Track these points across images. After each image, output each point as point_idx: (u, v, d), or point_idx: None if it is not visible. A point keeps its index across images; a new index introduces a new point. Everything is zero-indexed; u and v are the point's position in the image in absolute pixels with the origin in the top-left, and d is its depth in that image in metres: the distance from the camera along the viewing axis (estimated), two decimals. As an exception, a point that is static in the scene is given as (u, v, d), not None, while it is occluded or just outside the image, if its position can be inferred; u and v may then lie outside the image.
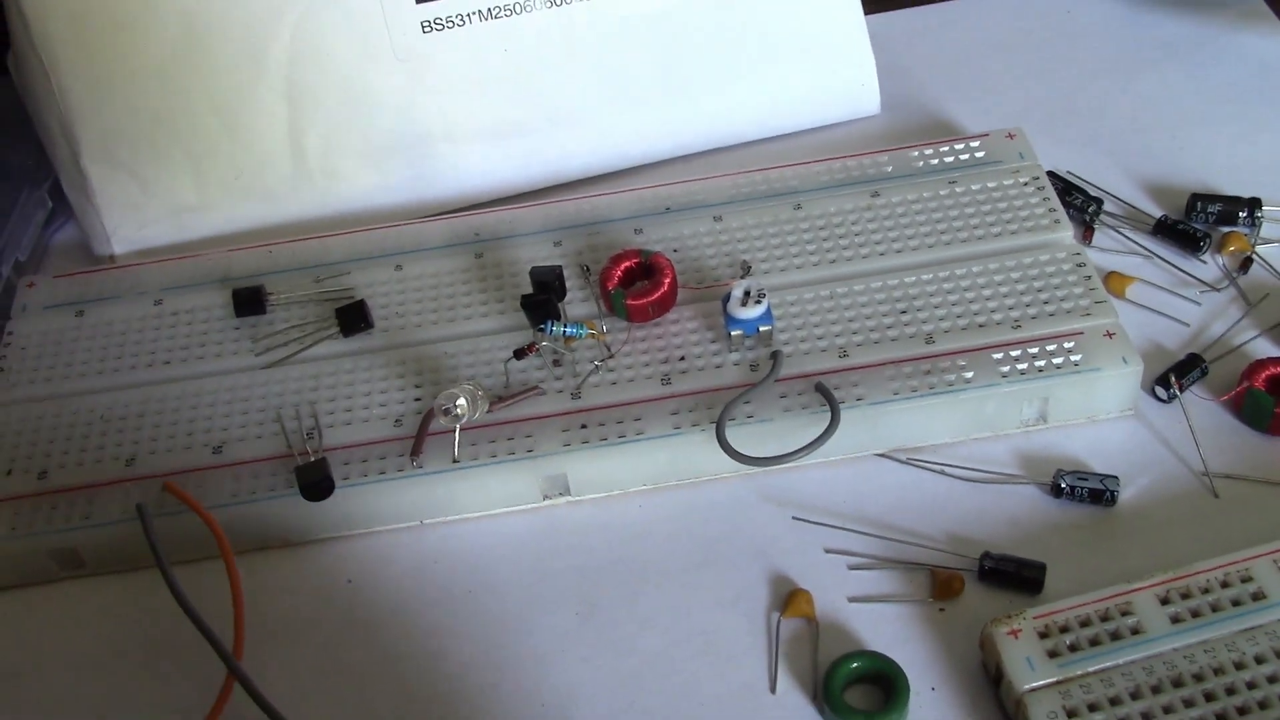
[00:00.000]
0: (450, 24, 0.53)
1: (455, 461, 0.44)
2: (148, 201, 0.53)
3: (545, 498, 0.45)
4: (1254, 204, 0.50)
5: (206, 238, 0.54)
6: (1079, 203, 0.52)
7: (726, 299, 0.45)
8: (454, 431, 0.43)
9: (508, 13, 0.53)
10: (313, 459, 0.44)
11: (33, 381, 0.48)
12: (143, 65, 0.51)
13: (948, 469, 0.44)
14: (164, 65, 0.52)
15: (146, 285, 0.51)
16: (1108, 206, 0.52)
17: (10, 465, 0.45)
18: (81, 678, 0.42)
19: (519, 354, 0.44)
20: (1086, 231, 0.51)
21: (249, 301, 0.49)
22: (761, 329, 0.45)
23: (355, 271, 0.50)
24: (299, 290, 0.50)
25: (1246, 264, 0.50)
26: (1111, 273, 0.50)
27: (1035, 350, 0.45)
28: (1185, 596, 0.39)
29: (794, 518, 0.44)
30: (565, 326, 0.45)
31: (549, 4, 0.53)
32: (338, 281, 0.50)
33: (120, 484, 0.45)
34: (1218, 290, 0.49)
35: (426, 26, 0.52)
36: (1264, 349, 0.47)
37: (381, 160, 0.54)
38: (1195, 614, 0.38)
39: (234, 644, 0.40)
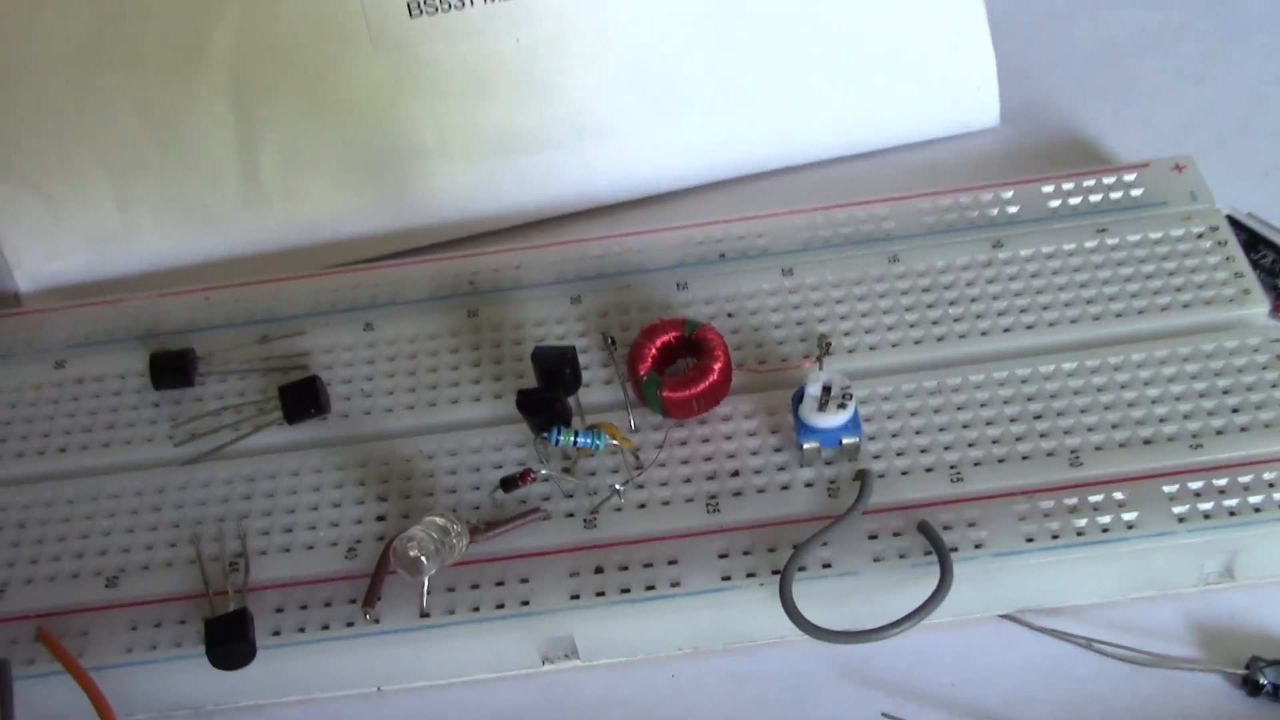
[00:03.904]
0: (446, 5, 0.45)
1: (424, 615, 0.34)
2: (58, 227, 0.47)
3: (545, 662, 0.36)
4: None
5: (132, 273, 0.47)
6: (1269, 261, 0.41)
7: (798, 397, 0.35)
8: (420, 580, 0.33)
9: (520, -9, 0.45)
10: (231, 607, 0.34)
11: (-118, 473, 0.39)
12: (51, 56, 0.45)
13: (1097, 644, 0.34)
14: (76, 56, 0.45)
15: (48, 340, 0.43)
16: (1308, 265, 0.41)
17: None
18: None
19: (508, 485, 0.34)
20: (1278, 301, 0.40)
21: (172, 370, 0.41)
22: (845, 441, 0.35)
23: (313, 330, 0.42)
24: (238, 354, 0.41)
25: None
26: (1317, 362, 0.38)
27: (1223, 483, 0.34)
28: None
29: (884, 714, 0.33)
30: (576, 435, 0.35)
31: (573, -20, 0.45)
32: (289, 344, 0.42)
33: (-18, 625, 0.36)
34: None
35: (415, 8, 0.45)
36: None
37: (355, 179, 0.47)
38: None
39: None
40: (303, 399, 0.39)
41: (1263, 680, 0.33)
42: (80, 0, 0.44)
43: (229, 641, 0.33)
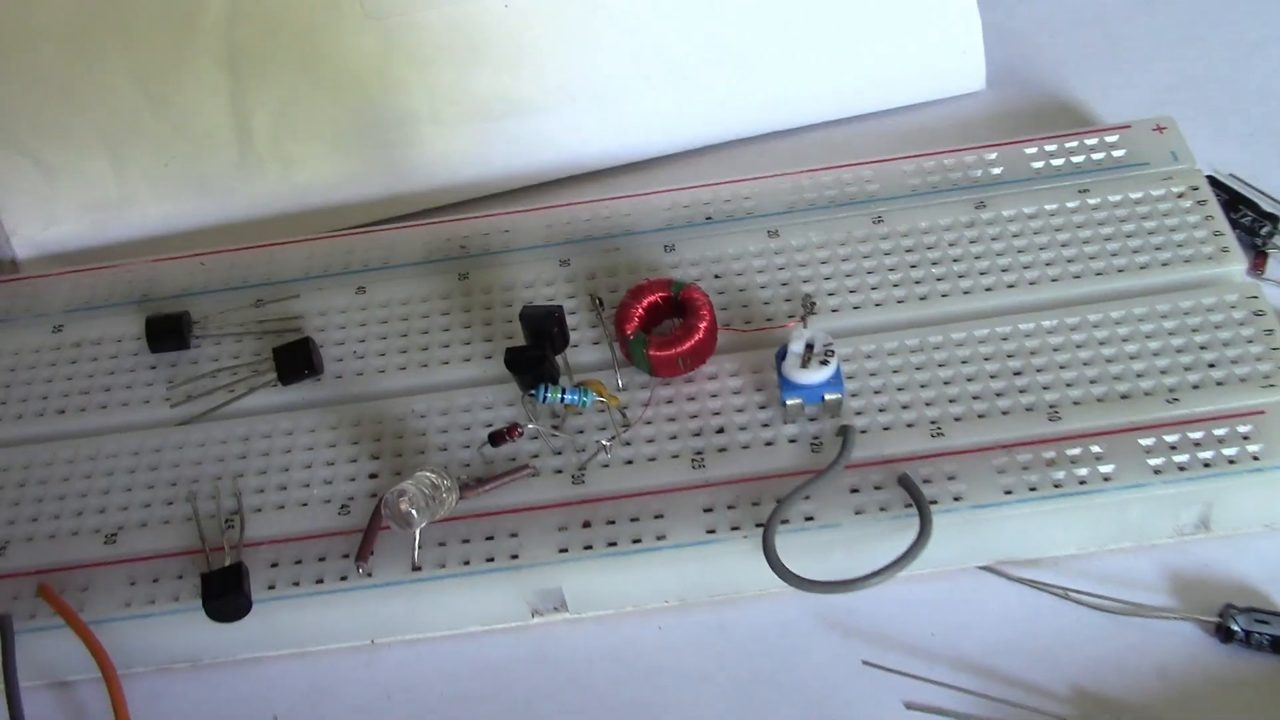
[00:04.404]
0: None
1: (415, 569, 0.35)
2: (55, 194, 0.47)
3: (534, 615, 0.36)
4: None
5: (128, 240, 0.48)
6: (1248, 221, 0.42)
7: (782, 354, 0.36)
8: (411, 534, 0.34)
9: (510, -44, 0.45)
10: (227, 562, 0.35)
11: (-111, 433, 0.40)
12: (47, 25, 0.45)
13: (1074, 593, 0.35)
14: (72, 25, 0.45)
15: (46, 305, 0.43)
16: (1287, 224, 0.42)
17: None
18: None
19: (496, 439, 0.35)
20: (1258, 259, 0.41)
21: (168, 332, 0.41)
22: (828, 397, 0.36)
23: (306, 293, 0.42)
24: (233, 318, 0.42)
25: None
26: (1294, 317, 0.39)
27: (1198, 436, 0.35)
28: None
29: (865, 662, 0.34)
30: (564, 392, 0.35)
31: (563, -55, 0.45)
32: (283, 307, 0.42)
33: (-16, 581, 0.36)
34: None
35: None
36: None
37: (347, 145, 0.47)
38: None
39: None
40: (296, 361, 0.39)
41: (1235, 627, 0.33)
42: None
43: (225, 595, 0.34)
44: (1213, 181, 0.42)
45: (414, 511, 0.33)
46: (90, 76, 0.46)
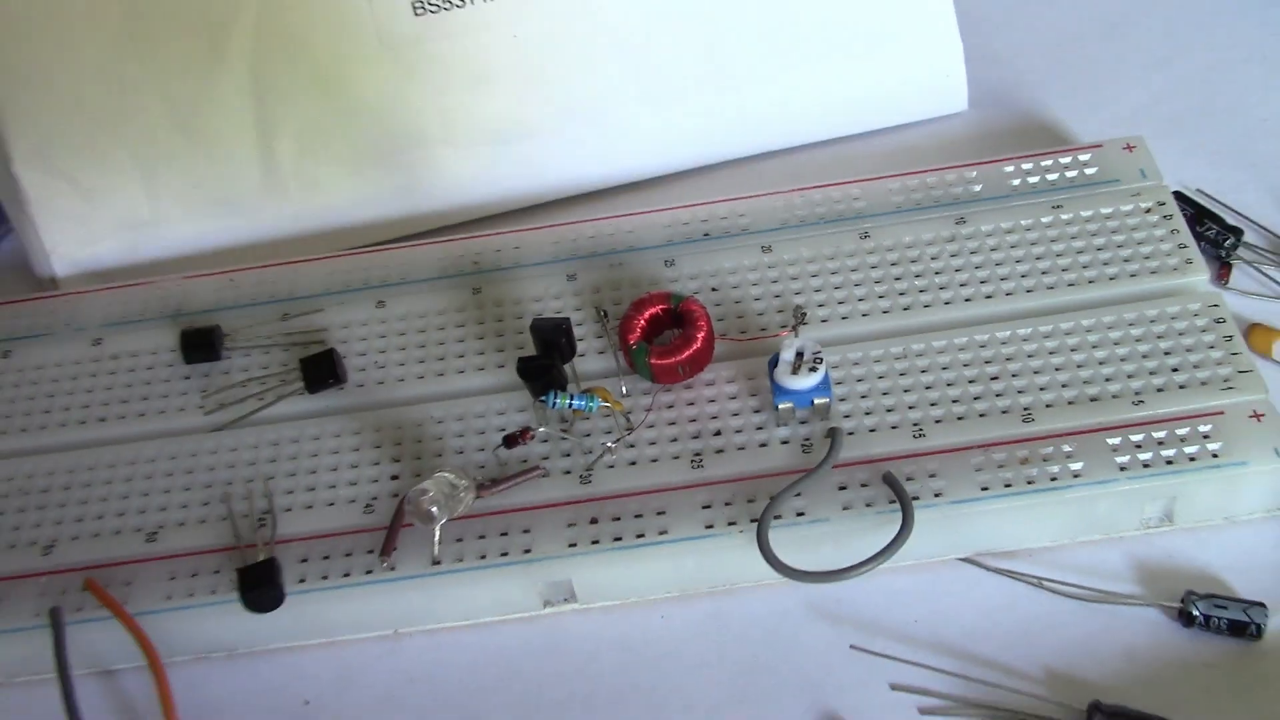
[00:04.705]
0: (448, 4, 0.46)
1: (435, 563, 0.36)
2: (92, 215, 0.47)
3: (546, 605, 0.38)
4: None
5: (160, 258, 0.48)
6: (1213, 234, 0.43)
7: (774, 362, 0.38)
8: (432, 530, 0.36)
9: (517, -11, 0.46)
10: (261, 557, 0.37)
11: (-58, 441, 0.41)
12: (81, 54, 0.46)
13: (1047, 583, 0.37)
14: (106, 54, 0.46)
15: (86, 320, 0.45)
16: (1249, 237, 0.43)
17: (-95, 551, 0.39)
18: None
19: (510, 442, 0.37)
20: (1222, 270, 0.42)
21: (201, 345, 0.42)
22: (817, 401, 0.38)
23: (330, 308, 0.43)
24: (261, 331, 0.43)
25: None
26: (1255, 325, 0.41)
27: (1162, 435, 0.37)
28: (1363, 788, 0.30)
29: (852, 646, 0.36)
30: (572, 398, 0.37)
31: (567, -20, 0.46)
32: (308, 320, 0.43)
33: (35, 578, 0.38)
34: (1391, 352, 0.40)
35: (419, 7, 0.46)
36: None
37: (366, 167, 0.48)
38: (1377, 814, 0.30)
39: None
40: (322, 370, 0.41)
41: (1195, 612, 0.35)
42: (110, 3, 0.45)
43: (260, 587, 0.36)
44: (1180, 197, 0.43)
45: (434, 508, 0.35)
46: (124, 105, 0.46)
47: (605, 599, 0.38)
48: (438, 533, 0.36)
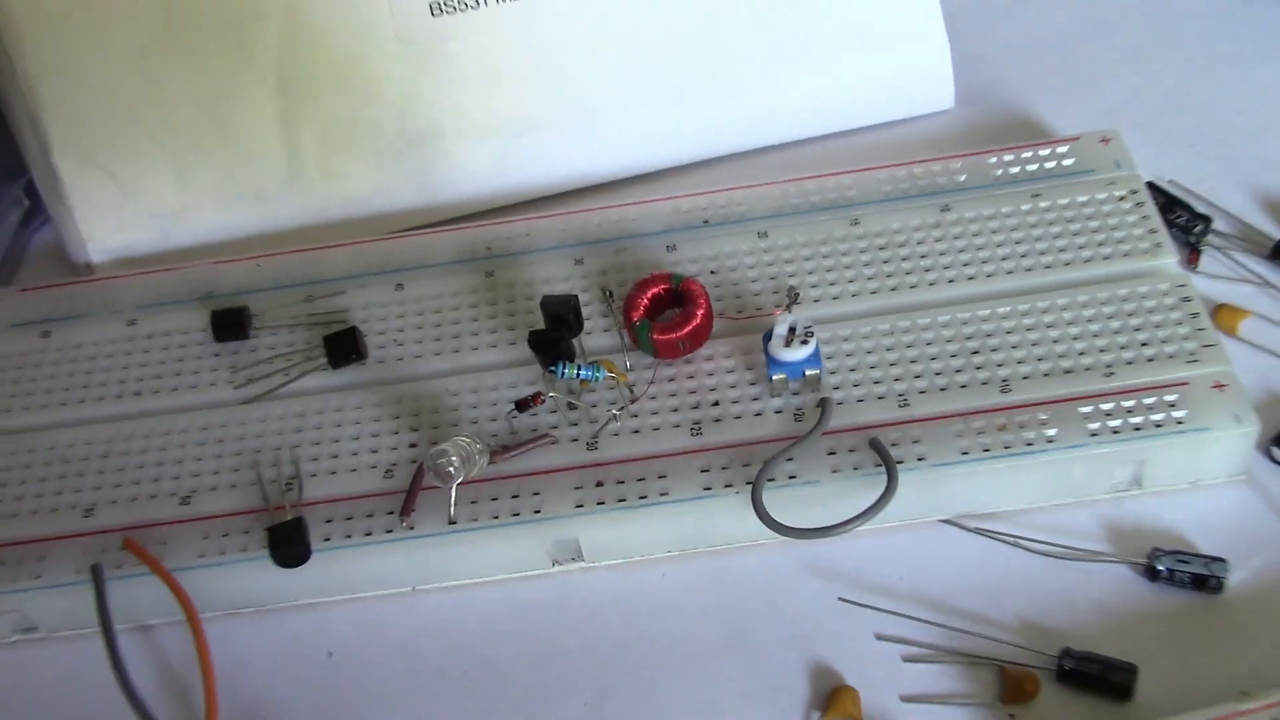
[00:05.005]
0: (463, 5, 0.48)
1: (451, 523, 0.39)
2: (126, 204, 0.49)
3: (555, 563, 0.40)
4: (1393, 224, 0.43)
5: (191, 245, 0.50)
6: (1183, 221, 0.45)
7: (768, 336, 0.40)
8: (449, 490, 0.38)
9: (529, -8, 0.48)
10: (289, 517, 0.39)
11: (-12, 413, 0.44)
12: (117, 52, 0.47)
13: (1023, 541, 0.39)
14: (141, 52, 0.47)
15: (121, 302, 0.46)
16: (1218, 224, 0.45)
17: (-44, 514, 0.41)
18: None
19: (522, 405, 0.39)
20: (1192, 254, 0.45)
21: (230, 325, 0.44)
22: (808, 373, 0.40)
23: (351, 290, 0.45)
24: (287, 312, 0.45)
25: (1383, 296, 0.43)
26: (1221, 305, 0.43)
27: (1131, 404, 0.39)
28: (1310, 722, 0.32)
29: (840, 599, 0.38)
30: (579, 369, 0.39)
31: (576, -18, 0.48)
32: (330, 302, 0.45)
33: (77, 538, 0.40)
34: (1349, 330, 0.42)
35: (436, 8, 0.48)
36: (1404, 402, 0.40)
37: (385, 159, 0.49)
38: (1323, 746, 0.32)
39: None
40: (344, 347, 0.43)
41: (1160, 567, 0.37)
42: (143, 4, 0.46)
43: (288, 543, 0.38)
44: (1153, 187, 0.45)
45: (452, 468, 0.37)
46: (157, 100, 0.47)
47: (610, 557, 0.40)
48: (454, 494, 0.38)
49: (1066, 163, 0.46)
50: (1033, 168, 0.46)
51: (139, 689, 0.37)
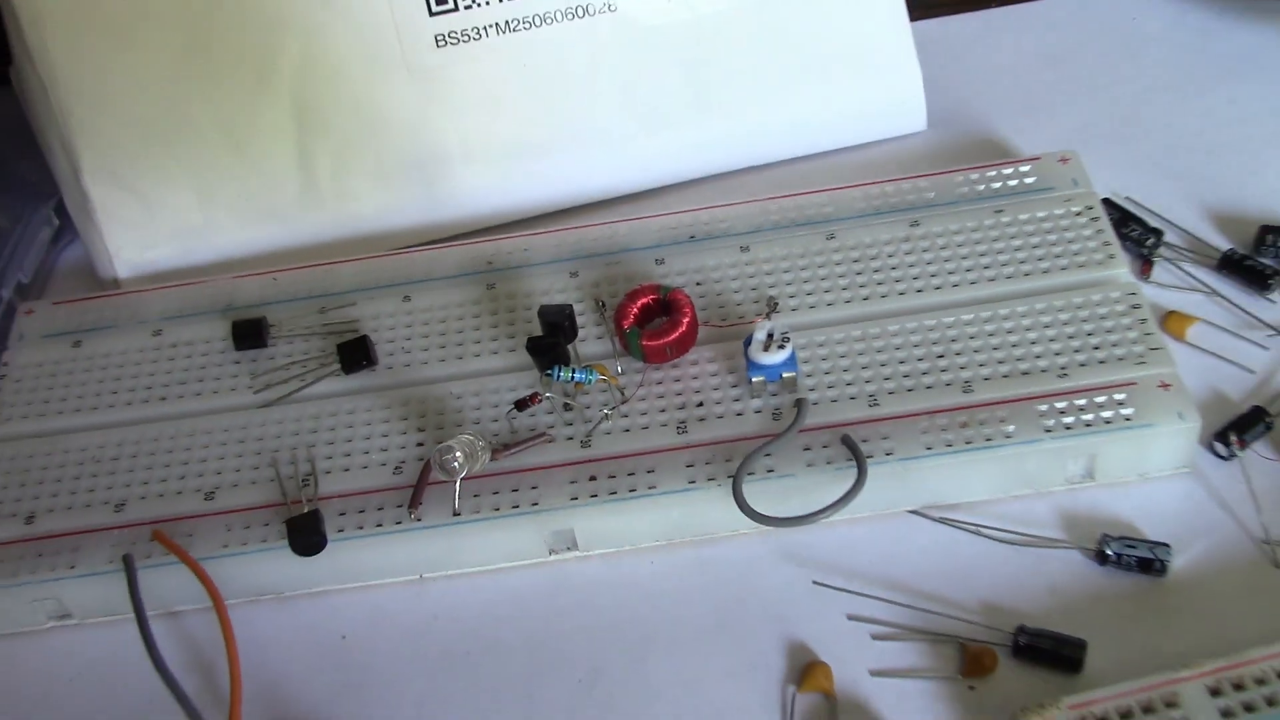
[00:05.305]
0: (466, 37, 0.50)
1: (456, 514, 0.41)
2: (151, 222, 0.52)
3: (551, 553, 0.43)
4: (1330, 237, 0.46)
5: (212, 261, 0.52)
6: (1136, 234, 0.48)
7: (748, 341, 0.43)
8: (453, 484, 0.41)
9: (526, 25, 0.50)
10: (305, 509, 0.42)
11: (25, 417, 0.47)
12: (145, 80, 0.50)
13: (983, 529, 0.41)
14: (167, 80, 0.50)
15: (146, 314, 0.49)
16: (1169, 238, 0.48)
17: (-3, 509, 0.44)
18: (63, 737, 0.41)
19: (521, 405, 0.42)
20: (1145, 266, 0.48)
21: (249, 334, 0.47)
22: (785, 375, 0.43)
23: (362, 302, 0.48)
24: (302, 322, 0.48)
25: (1321, 304, 0.46)
26: (1171, 312, 0.46)
27: (1083, 402, 0.41)
28: (1238, 687, 0.35)
29: (815, 582, 0.41)
30: (574, 372, 0.42)
31: (570, 16, 0.50)
32: (343, 313, 0.48)
33: (109, 531, 0.43)
34: (1287, 335, 0.45)
35: (441, 40, 0.50)
36: (1337, 401, 0.43)
37: (394, 180, 0.52)
38: (1249, 708, 0.35)
39: (229, 718, 0.38)
40: (356, 354, 0.45)
41: (1109, 551, 0.39)
42: (170, 36, 0.49)
43: (305, 533, 0.41)
44: (1109, 203, 0.48)
45: (456, 463, 0.40)
46: (182, 126, 0.50)
47: (603, 547, 0.42)
48: (458, 487, 0.41)
49: (1028, 181, 0.48)
50: (996, 185, 0.48)
51: (178, 683, 0.39)
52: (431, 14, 0.50)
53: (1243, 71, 0.55)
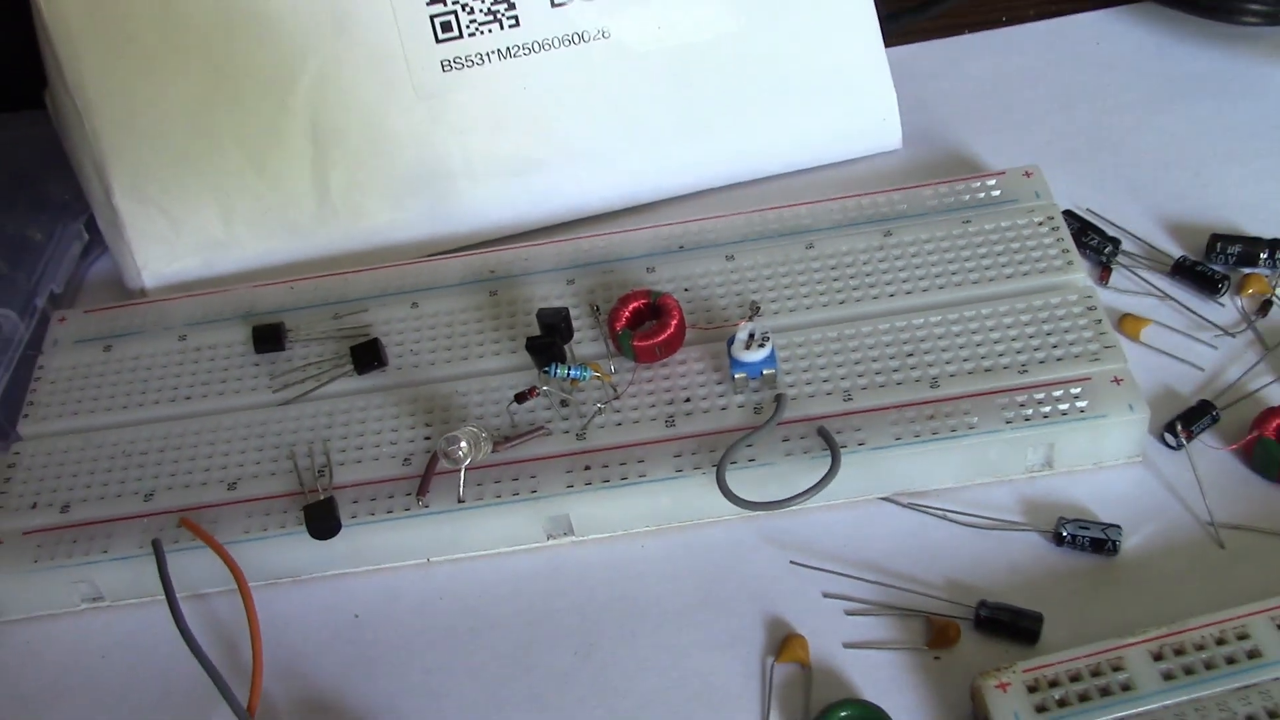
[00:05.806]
0: (470, 63, 0.53)
1: (460, 501, 0.44)
2: (177, 237, 0.54)
3: (549, 537, 0.45)
4: (1275, 245, 0.49)
5: (233, 272, 0.55)
6: (1095, 243, 0.51)
7: (731, 341, 0.46)
8: (459, 472, 0.44)
9: (526, 52, 0.53)
10: (322, 497, 0.45)
11: (60, 416, 0.50)
12: (173, 106, 0.53)
13: (949, 514, 0.44)
14: (193, 106, 0.53)
15: (172, 320, 0.52)
16: (1126, 246, 0.51)
17: (35, 499, 0.47)
18: (97, 710, 0.43)
19: (520, 398, 0.45)
20: (1104, 272, 0.51)
21: (268, 338, 0.50)
22: (765, 372, 0.46)
23: (373, 308, 0.51)
24: (318, 327, 0.51)
25: (1266, 307, 0.49)
26: (1126, 315, 0.49)
27: (1041, 396, 0.44)
28: (1179, 653, 0.38)
29: (792, 562, 0.44)
30: (569, 369, 0.45)
31: (566, 43, 0.53)
32: (356, 319, 0.51)
33: (138, 519, 0.46)
34: (1233, 335, 0.48)
35: (446, 65, 0.53)
36: (1278, 396, 0.46)
37: (402, 197, 0.54)
38: (1188, 671, 0.38)
39: (251, 691, 0.41)
40: (368, 356, 0.48)
41: (1065, 533, 0.42)
42: (194, 62, 0.51)
43: (322, 519, 0.43)
44: (1070, 214, 0.51)
45: (461, 452, 0.43)
46: (206, 147, 0.52)
47: (597, 532, 0.45)
48: (463, 476, 0.44)
49: (994, 194, 0.51)
50: (965, 198, 0.51)
51: (206, 655, 0.42)
52: (438, 41, 0.53)
53: (1196, 92, 0.58)
